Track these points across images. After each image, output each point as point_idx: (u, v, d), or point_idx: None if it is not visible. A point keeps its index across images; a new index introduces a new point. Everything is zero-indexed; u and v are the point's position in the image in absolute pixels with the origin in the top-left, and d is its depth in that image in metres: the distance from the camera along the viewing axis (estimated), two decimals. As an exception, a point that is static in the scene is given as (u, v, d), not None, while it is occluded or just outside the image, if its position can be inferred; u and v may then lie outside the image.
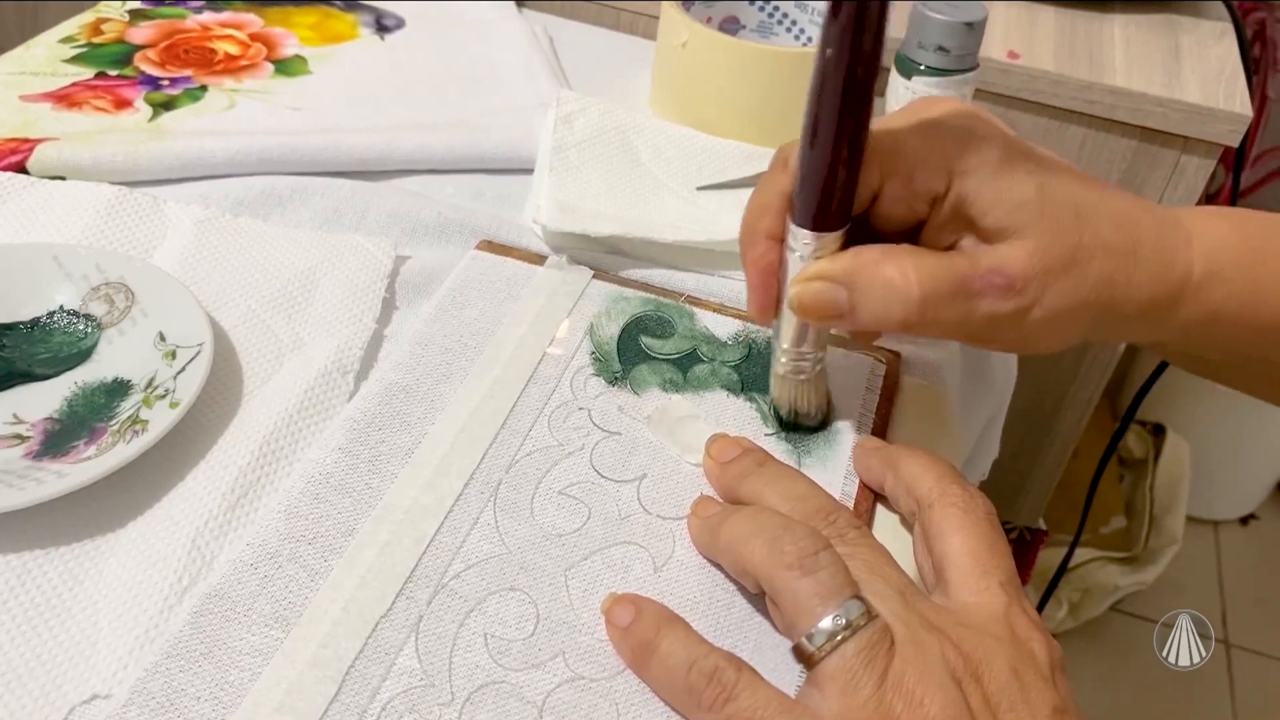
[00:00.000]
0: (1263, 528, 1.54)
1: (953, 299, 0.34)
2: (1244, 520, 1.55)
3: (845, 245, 0.36)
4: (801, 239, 0.36)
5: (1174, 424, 1.41)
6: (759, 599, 0.35)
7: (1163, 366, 0.82)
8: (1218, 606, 1.43)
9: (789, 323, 0.38)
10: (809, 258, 0.36)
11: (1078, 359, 0.82)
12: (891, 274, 0.34)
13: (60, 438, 0.38)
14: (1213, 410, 1.40)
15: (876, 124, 0.35)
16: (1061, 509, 1.12)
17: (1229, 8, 0.76)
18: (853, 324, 0.36)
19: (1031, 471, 0.90)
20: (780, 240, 0.37)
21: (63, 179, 0.50)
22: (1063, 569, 0.98)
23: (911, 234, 0.37)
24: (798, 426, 0.42)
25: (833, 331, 0.41)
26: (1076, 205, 0.35)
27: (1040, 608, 1.11)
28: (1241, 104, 0.67)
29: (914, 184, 0.35)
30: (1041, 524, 1.01)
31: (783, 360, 0.40)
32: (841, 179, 0.34)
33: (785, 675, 0.33)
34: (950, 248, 0.36)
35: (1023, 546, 1.03)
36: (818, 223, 0.35)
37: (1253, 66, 0.81)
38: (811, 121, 0.33)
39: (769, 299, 0.38)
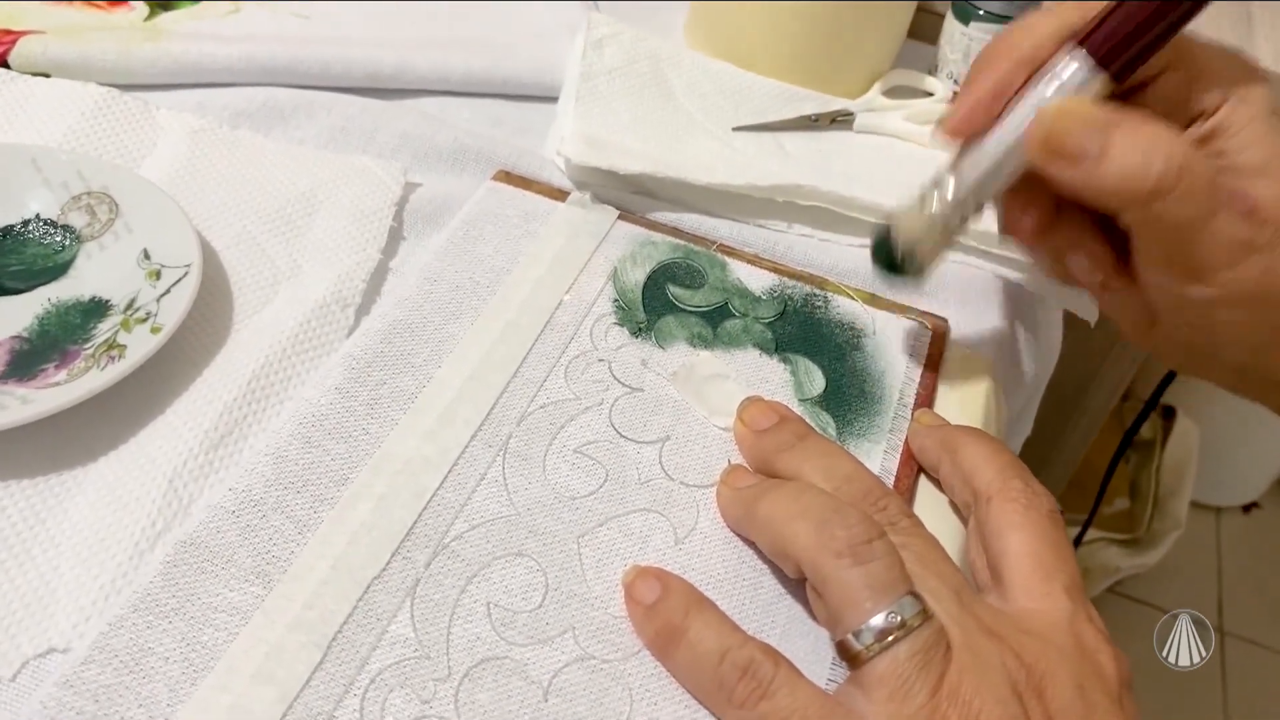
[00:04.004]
0: (1265, 516, 1.52)
1: (1203, 190, 0.30)
2: (1246, 508, 1.53)
3: None
4: (1075, 69, 0.32)
5: (1184, 406, 1.38)
6: (790, 580, 0.31)
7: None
8: (1215, 594, 1.41)
9: (983, 160, 0.33)
10: (1066, 92, 0.32)
11: (1110, 338, 0.78)
12: (1160, 130, 0.30)
13: (28, 359, 0.35)
14: (1224, 395, 1.37)
15: None
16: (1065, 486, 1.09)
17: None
18: (1088, 175, 0.30)
19: (1053, 451, 0.87)
20: (1030, 69, 0.32)
21: (47, 76, 0.46)
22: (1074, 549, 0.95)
23: None
24: (893, 269, 0.36)
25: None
26: None
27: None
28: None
29: (1192, 87, 0.32)
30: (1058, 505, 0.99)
31: (937, 197, 0.35)
32: (1156, 30, 0.31)
33: (815, 667, 0.30)
34: None
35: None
36: (1108, 55, 0.31)
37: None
38: None
39: (984, 117, 0.33)
